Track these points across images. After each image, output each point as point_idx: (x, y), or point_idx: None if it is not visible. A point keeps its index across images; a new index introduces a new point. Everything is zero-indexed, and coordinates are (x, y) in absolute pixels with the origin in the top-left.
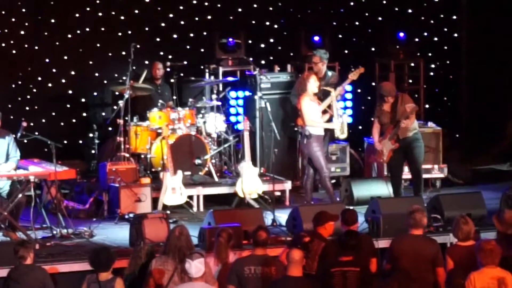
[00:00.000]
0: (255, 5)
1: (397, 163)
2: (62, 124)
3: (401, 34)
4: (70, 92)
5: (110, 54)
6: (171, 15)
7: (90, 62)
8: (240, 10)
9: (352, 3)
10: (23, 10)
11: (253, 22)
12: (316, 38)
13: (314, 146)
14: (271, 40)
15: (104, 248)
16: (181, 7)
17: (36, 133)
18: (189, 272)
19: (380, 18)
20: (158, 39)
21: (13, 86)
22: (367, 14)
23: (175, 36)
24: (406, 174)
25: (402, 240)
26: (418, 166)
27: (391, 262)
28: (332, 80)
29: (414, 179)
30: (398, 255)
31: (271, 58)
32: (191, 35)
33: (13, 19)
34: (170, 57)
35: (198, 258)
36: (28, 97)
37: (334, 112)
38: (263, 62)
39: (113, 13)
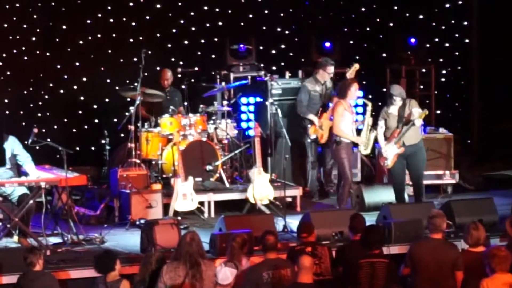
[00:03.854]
0: (266, 11)
1: (400, 168)
2: (73, 130)
3: (412, 40)
4: (81, 98)
5: (121, 60)
6: (182, 21)
7: (102, 68)
8: (251, 16)
9: (363, 9)
10: (35, 16)
11: (264, 28)
12: (327, 44)
13: (342, 153)
14: (282, 46)
15: (103, 251)
16: (192, 13)
17: (48, 140)
18: (216, 275)
19: (391, 24)
20: (169, 45)
21: (25, 92)
22: (378, 20)
23: (186, 42)
24: None
25: (422, 244)
26: (421, 175)
27: (410, 266)
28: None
29: (416, 187)
30: (418, 259)
31: (282, 64)
32: (202, 41)
33: (25, 26)
34: (181, 63)
35: (231, 267)
36: (40, 103)
37: (365, 126)
38: (274, 68)
39: (125, 19)
